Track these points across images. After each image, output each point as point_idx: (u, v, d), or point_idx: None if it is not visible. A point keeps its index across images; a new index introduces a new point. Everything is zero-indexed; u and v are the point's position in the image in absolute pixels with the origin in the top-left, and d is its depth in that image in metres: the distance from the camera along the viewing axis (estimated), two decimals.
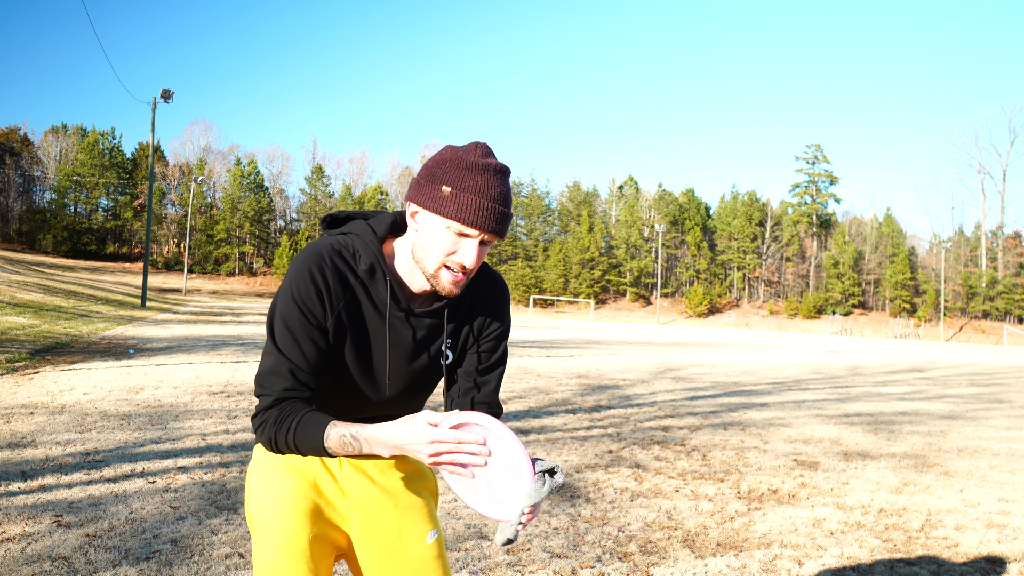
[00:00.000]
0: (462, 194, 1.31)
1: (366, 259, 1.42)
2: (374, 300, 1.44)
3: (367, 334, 1.45)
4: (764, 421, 7.83)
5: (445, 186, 1.32)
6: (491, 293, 1.57)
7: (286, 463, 1.52)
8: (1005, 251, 74.63)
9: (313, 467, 1.52)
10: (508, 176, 1.37)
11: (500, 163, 1.36)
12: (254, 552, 1.48)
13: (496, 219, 1.33)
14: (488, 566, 3.15)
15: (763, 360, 18.62)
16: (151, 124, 32.35)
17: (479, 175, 1.32)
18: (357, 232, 1.45)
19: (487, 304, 1.57)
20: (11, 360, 9.39)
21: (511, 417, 7.18)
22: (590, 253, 77.57)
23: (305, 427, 1.33)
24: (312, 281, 1.37)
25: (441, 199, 1.32)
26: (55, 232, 70.11)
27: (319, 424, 1.33)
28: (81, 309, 22.64)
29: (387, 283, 1.43)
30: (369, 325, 1.44)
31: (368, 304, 1.43)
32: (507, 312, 1.62)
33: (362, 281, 1.42)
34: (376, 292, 1.44)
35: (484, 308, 1.57)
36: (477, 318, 1.56)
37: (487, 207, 1.31)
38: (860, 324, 72.04)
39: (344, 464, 1.56)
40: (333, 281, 1.39)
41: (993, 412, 9.69)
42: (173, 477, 4.31)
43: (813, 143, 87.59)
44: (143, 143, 76.57)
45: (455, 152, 1.35)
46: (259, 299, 60.38)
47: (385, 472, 1.60)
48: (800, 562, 3.38)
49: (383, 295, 1.44)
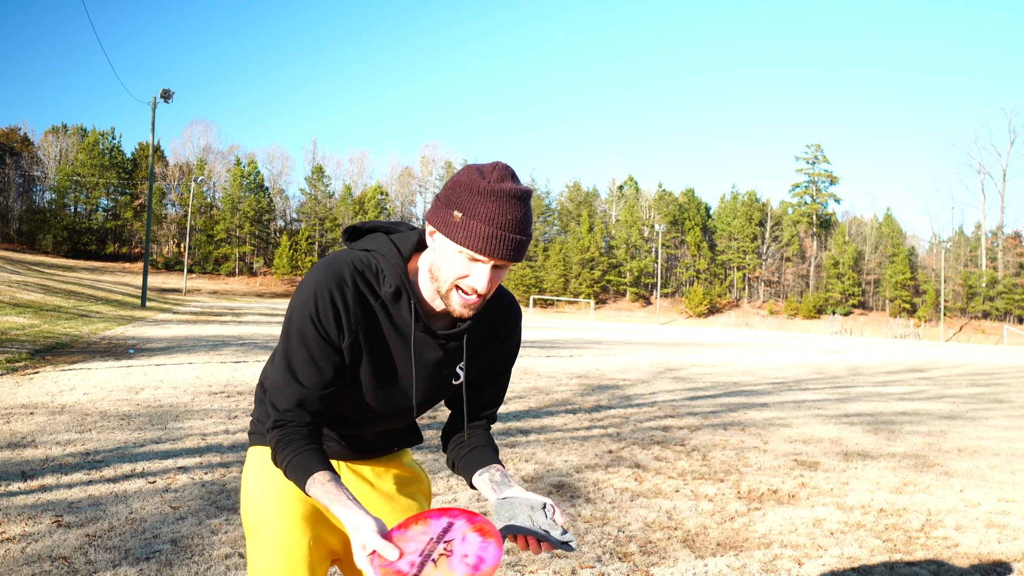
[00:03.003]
0: (472, 221, 1.29)
1: (392, 281, 1.40)
2: (395, 321, 1.42)
3: (387, 355, 1.43)
4: (764, 421, 7.82)
5: (457, 211, 1.30)
6: (508, 317, 1.57)
7: None
8: (1005, 251, 74.61)
9: None
10: (526, 201, 1.32)
11: (517, 187, 1.31)
12: (249, 555, 1.48)
13: (506, 246, 1.30)
14: None
15: (763, 360, 18.62)
16: (151, 124, 32.37)
17: (491, 202, 1.28)
18: (382, 252, 1.42)
19: (504, 328, 1.57)
20: (11, 360, 9.39)
21: (511, 417, 7.18)
22: (590, 253, 77.56)
23: (295, 466, 1.35)
24: (332, 303, 1.35)
25: (453, 224, 1.30)
26: (55, 232, 70.11)
27: (305, 471, 1.34)
28: (81, 309, 22.64)
29: (411, 306, 1.42)
30: (390, 345, 1.43)
31: (389, 325, 1.42)
32: (520, 336, 1.62)
33: (383, 302, 1.41)
34: (398, 313, 1.42)
35: (501, 331, 1.56)
36: (493, 340, 1.55)
37: (497, 235, 1.28)
38: (860, 324, 72.03)
39: (342, 468, 1.57)
40: (353, 303, 1.37)
41: (993, 412, 9.69)
42: (173, 477, 4.31)
43: (813, 143, 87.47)
44: (143, 143, 76.56)
45: (471, 176, 1.31)
46: (259, 299, 60.38)
47: (382, 476, 1.61)
48: (800, 562, 3.38)
49: (406, 316, 1.42)
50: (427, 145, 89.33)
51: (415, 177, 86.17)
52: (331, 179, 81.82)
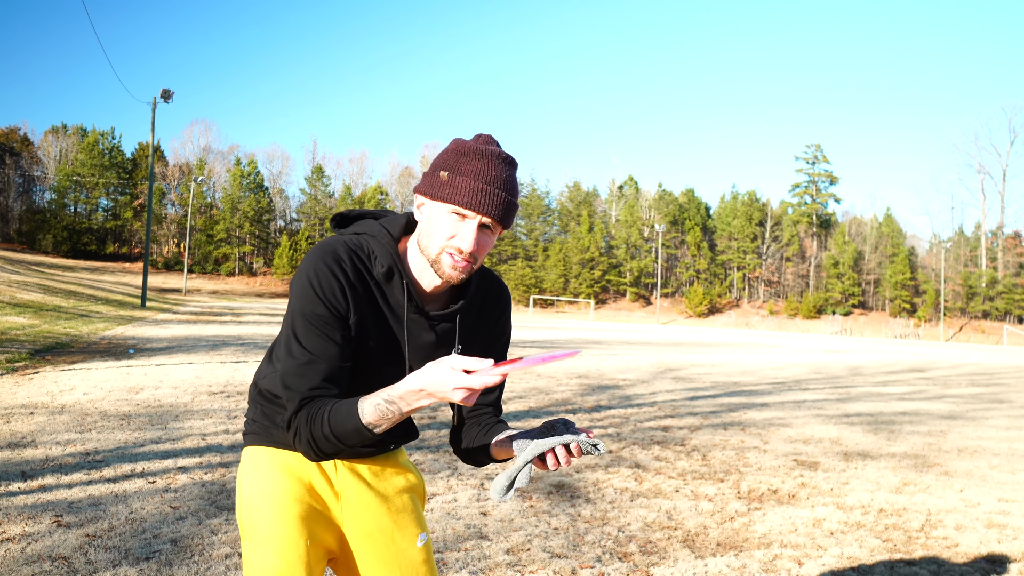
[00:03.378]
0: (458, 177, 1.31)
1: (383, 261, 1.40)
2: (389, 301, 1.42)
3: (383, 335, 1.43)
4: (764, 421, 7.83)
5: (443, 171, 1.33)
6: (498, 301, 1.58)
7: (280, 465, 1.52)
8: (1005, 251, 74.61)
9: (308, 470, 1.52)
10: (512, 165, 1.35)
11: (503, 151, 1.34)
12: (245, 555, 1.48)
13: (493, 201, 1.30)
14: (488, 566, 3.15)
15: (763, 360, 18.62)
16: (151, 124, 32.36)
17: (477, 159, 1.31)
18: (372, 233, 1.43)
19: (495, 310, 1.57)
20: (11, 360, 9.39)
21: (511, 417, 7.18)
22: (590, 253, 77.55)
23: (336, 413, 1.28)
24: (334, 275, 1.34)
25: (440, 184, 1.32)
26: (55, 232, 70.08)
27: (350, 405, 1.28)
28: (81, 309, 22.63)
29: (404, 285, 1.42)
30: (385, 326, 1.43)
31: (384, 305, 1.42)
32: (510, 318, 1.62)
33: (377, 283, 1.41)
34: (392, 294, 1.42)
35: (492, 313, 1.57)
36: (486, 323, 1.56)
37: (483, 189, 1.30)
38: (860, 324, 72.02)
39: (340, 467, 1.57)
40: (354, 277, 1.37)
41: (993, 412, 9.69)
42: (173, 477, 4.31)
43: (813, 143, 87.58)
44: (143, 143, 76.53)
45: (456, 142, 1.36)
46: (259, 299, 60.37)
47: (378, 475, 1.61)
48: (800, 562, 3.38)
49: (399, 297, 1.42)
50: (427, 145, 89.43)
51: (415, 177, 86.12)
52: (331, 179, 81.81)
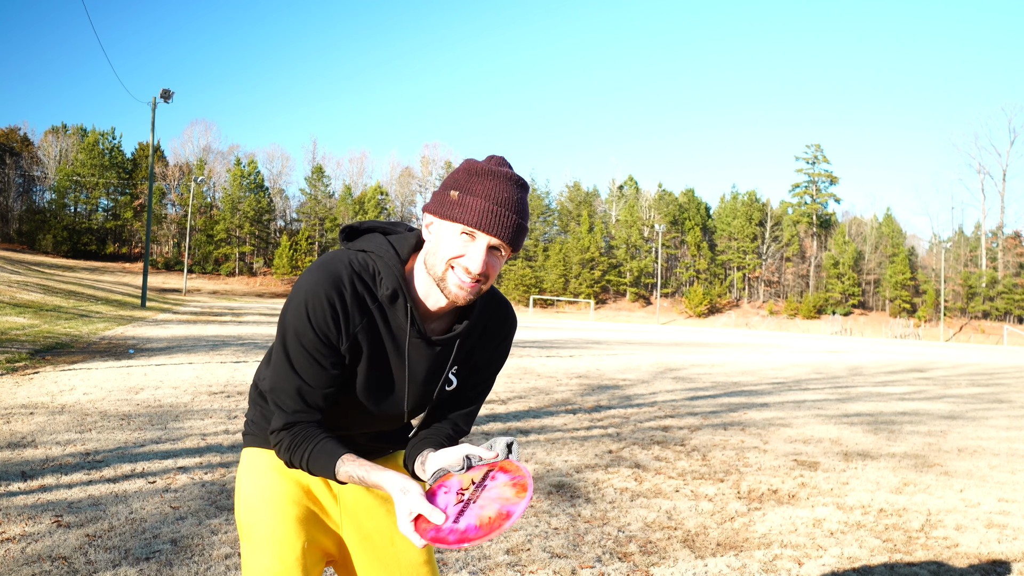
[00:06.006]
0: (468, 197, 1.30)
1: (389, 283, 1.39)
2: (391, 324, 1.41)
3: (382, 358, 1.43)
4: (764, 421, 7.82)
5: (453, 191, 1.32)
6: (503, 325, 1.56)
7: (279, 467, 1.52)
8: (1005, 251, 74.60)
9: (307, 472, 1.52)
10: (523, 188, 1.33)
11: (515, 173, 1.33)
12: (244, 556, 1.47)
13: (503, 223, 1.29)
14: (488, 566, 3.15)
15: (763, 360, 18.62)
16: (151, 124, 32.36)
17: (488, 180, 1.30)
18: (379, 253, 1.41)
19: (499, 333, 1.56)
20: (11, 360, 9.39)
21: (511, 417, 7.18)
22: (590, 253, 77.54)
23: (316, 458, 1.36)
24: (329, 304, 1.34)
25: (450, 204, 1.31)
26: (55, 232, 70.10)
27: (329, 458, 1.35)
28: (81, 309, 22.63)
29: (407, 309, 1.40)
30: (385, 349, 1.42)
31: (384, 328, 1.41)
32: (510, 344, 1.62)
33: (380, 305, 1.40)
34: (394, 317, 1.41)
35: (495, 337, 1.56)
36: (487, 345, 1.55)
37: (493, 210, 1.29)
38: (860, 324, 72.01)
39: None
40: (351, 304, 1.36)
41: (993, 412, 9.69)
42: (173, 477, 4.31)
43: (813, 143, 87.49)
44: (143, 143, 76.56)
45: (468, 162, 1.34)
46: (259, 299, 60.37)
47: None
48: (800, 562, 3.38)
49: (402, 320, 1.41)
50: (427, 145, 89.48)
51: (415, 177, 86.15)
52: (331, 179, 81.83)
